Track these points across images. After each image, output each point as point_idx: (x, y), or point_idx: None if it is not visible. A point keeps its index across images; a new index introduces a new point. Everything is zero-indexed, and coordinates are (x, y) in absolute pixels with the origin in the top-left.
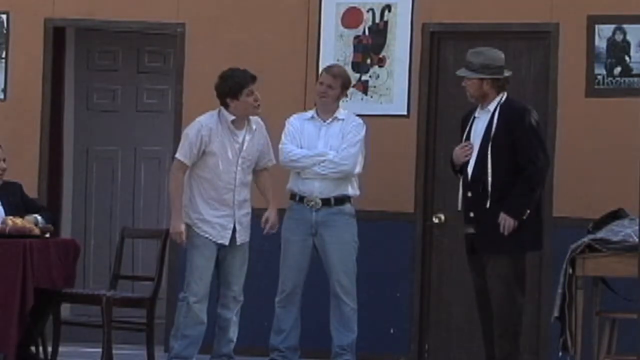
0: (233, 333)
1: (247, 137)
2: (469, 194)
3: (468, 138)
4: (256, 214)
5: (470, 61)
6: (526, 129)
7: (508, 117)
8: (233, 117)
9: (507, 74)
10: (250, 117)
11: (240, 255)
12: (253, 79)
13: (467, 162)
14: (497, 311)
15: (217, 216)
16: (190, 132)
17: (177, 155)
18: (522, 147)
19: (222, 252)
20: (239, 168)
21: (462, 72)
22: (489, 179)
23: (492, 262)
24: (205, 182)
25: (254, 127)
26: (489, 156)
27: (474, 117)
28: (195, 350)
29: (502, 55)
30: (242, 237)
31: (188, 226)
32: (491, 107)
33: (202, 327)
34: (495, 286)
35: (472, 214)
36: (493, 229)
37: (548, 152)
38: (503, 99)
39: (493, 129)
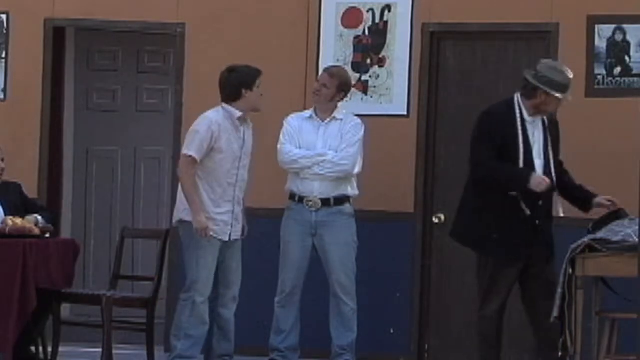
0: (232, 332)
1: (247, 133)
2: (540, 203)
3: (527, 142)
4: (255, 214)
5: (563, 83)
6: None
7: (552, 126)
8: (240, 114)
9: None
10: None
11: (237, 254)
12: (261, 72)
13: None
14: (544, 320)
15: (220, 213)
16: (200, 128)
17: (187, 152)
18: (557, 152)
19: (222, 252)
20: (241, 164)
21: (566, 97)
22: (556, 187)
23: (542, 271)
24: (212, 179)
25: (250, 123)
26: (552, 165)
27: (524, 121)
28: (198, 350)
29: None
30: (238, 232)
31: (191, 224)
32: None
33: (205, 327)
34: (545, 294)
35: (537, 222)
36: (552, 237)
37: None
38: None
39: (549, 138)
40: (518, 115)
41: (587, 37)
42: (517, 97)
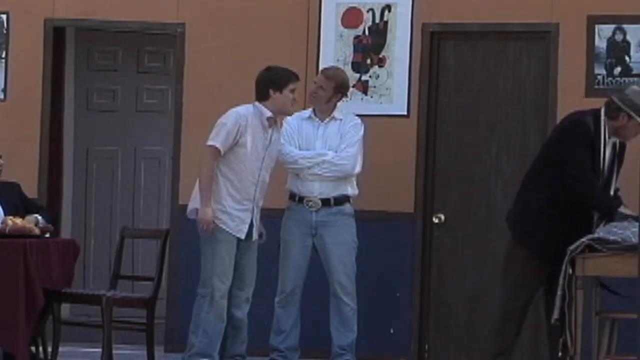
0: (246, 333)
1: (274, 136)
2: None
3: (604, 161)
4: (264, 214)
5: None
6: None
7: (622, 150)
8: (270, 114)
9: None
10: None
11: (252, 255)
12: (297, 78)
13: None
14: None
15: (238, 209)
16: (228, 121)
17: (212, 143)
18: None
19: (239, 251)
20: (263, 165)
21: None
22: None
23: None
24: (232, 173)
25: (280, 128)
26: (611, 187)
27: (606, 140)
28: (217, 348)
29: None
30: (256, 233)
31: None
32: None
33: (223, 324)
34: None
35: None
36: None
37: None
38: None
39: (616, 160)
40: (603, 132)
41: (587, 37)
42: (603, 112)
